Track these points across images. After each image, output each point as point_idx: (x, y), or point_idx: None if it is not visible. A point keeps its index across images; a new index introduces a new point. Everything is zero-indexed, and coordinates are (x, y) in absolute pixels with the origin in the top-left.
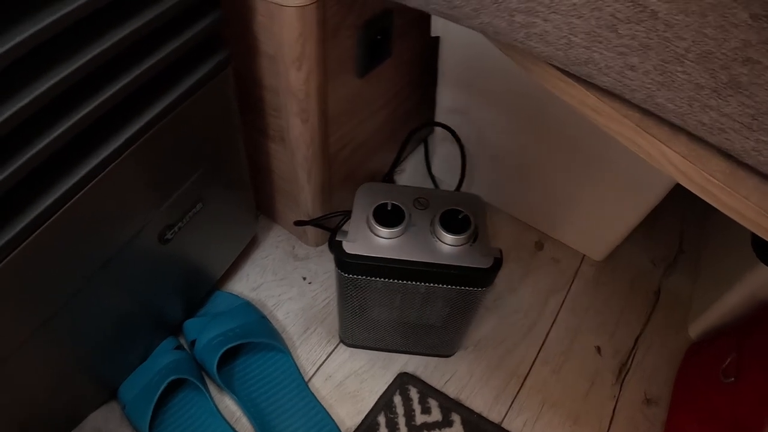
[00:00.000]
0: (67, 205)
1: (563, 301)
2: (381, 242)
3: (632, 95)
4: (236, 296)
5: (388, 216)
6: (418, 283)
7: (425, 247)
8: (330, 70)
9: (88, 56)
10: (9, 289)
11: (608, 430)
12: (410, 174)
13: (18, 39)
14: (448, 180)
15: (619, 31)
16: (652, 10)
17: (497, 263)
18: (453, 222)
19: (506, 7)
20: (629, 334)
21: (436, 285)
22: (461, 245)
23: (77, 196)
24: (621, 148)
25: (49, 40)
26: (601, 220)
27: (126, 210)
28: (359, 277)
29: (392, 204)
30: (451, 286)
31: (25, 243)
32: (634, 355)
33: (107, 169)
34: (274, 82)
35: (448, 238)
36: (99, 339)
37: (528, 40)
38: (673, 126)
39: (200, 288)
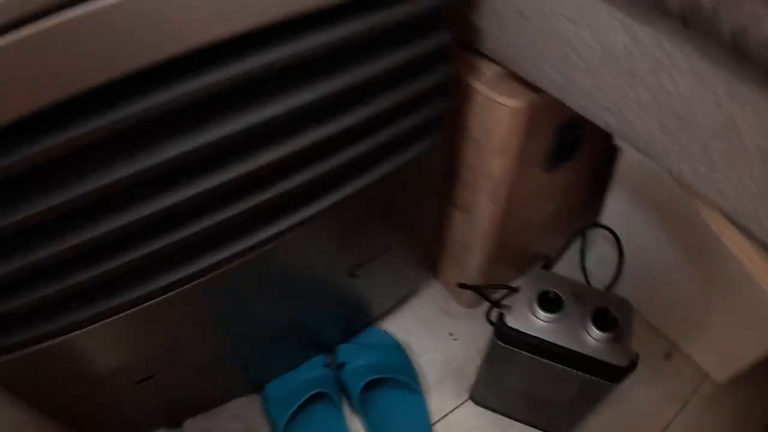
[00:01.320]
0: (269, 245)
1: (676, 415)
2: (537, 323)
3: None
4: (389, 335)
5: (549, 302)
6: (559, 365)
7: (574, 336)
8: (523, 161)
9: (328, 129)
10: (210, 298)
11: None
12: (564, 262)
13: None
14: (598, 274)
15: None
16: None
17: (632, 365)
18: (602, 319)
19: (691, 158)
20: None
21: (573, 370)
22: (604, 342)
23: (284, 236)
24: None
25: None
26: (731, 343)
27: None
28: (511, 348)
29: (554, 293)
30: (586, 374)
31: (230, 265)
32: None
33: (317, 219)
34: (474, 163)
35: (596, 333)
36: (263, 342)
37: (707, 191)
38: None
39: (360, 320)
